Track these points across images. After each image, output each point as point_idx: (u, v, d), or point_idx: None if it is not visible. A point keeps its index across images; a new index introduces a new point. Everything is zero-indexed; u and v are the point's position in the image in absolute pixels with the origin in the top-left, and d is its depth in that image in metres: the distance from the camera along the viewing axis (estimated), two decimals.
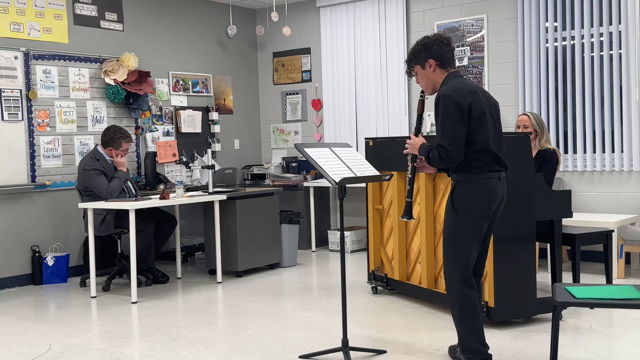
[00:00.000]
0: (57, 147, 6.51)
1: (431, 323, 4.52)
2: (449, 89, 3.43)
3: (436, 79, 3.58)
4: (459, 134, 3.36)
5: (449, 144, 3.37)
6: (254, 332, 4.44)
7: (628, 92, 6.16)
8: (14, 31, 6.21)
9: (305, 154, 3.86)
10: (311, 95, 8.37)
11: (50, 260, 6.27)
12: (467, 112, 3.36)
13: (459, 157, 3.39)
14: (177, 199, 5.75)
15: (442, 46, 3.55)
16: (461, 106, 3.36)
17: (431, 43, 3.56)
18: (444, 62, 3.56)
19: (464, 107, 3.36)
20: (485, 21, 6.96)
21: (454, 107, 3.36)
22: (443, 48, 3.55)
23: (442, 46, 3.55)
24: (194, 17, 7.96)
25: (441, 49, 3.54)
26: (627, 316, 4.53)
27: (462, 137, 3.37)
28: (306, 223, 7.61)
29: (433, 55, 3.55)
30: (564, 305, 3.16)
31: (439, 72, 3.57)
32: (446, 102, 3.39)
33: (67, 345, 4.29)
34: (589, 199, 6.45)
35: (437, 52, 3.54)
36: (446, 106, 3.39)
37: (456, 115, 3.36)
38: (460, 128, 3.36)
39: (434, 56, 3.55)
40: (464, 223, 3.45)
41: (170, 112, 7.67)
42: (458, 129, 3.36)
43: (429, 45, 3.56)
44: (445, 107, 3.39)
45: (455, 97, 3.37)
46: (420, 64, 3.60)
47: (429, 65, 3.57)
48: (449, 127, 3.37)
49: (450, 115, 3.37)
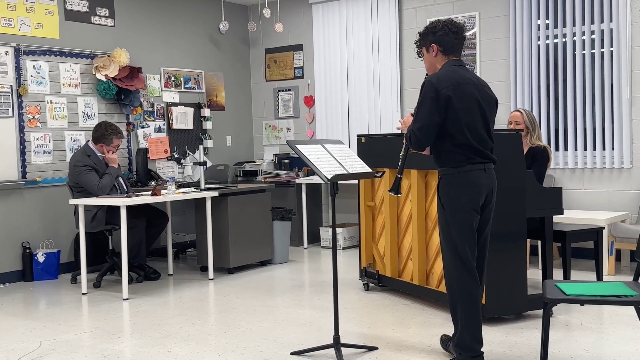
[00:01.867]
0: (47, 143, 6.48)
1: (422, 320, 4.53)
2: (434, 76, 3.45)
3: (436, 64, 3.58)
4: (431, 121, 3.38)
5: (418, 127, 3.41)
6: (246, 329, 4.44)
7: (619, 90, 6.18)
8: (4, 26, 6.18)
9: (298, 150, 3.86)
10: (303, 91, 8.37)
11: (41, 256, 6.24)
12: (445, 103, 3.36)
13: (425, 142, 3.43)
14: (169, 196, 5.73)
15: (449, 33, 3.53)
16: (440, 95, 3.36)
17: (439, 28, 3.55)
18: (447, 49, 3.55)
19: (443, 97, 3.36)
20: (477, 18, 6.97)
21: (432, 94, 3.38)
22: (449, 35, 3.53)
23: (448, 33, 3.52)
24: (186, 13, 7.94)
25: (447, 36, 3.52)
26: (617, 313, 4.55)
27: (433, 124, 3.38)
28: (298, 220, 7.61)
29: (437, 40, 3.54)
30: (554, 302, 3.17)
31: (440, 58, 3.57)
32: (427, 88, 3.41)
33: (58, 342, 4.28)
34: (580, 196, 6.48)
35: (442, 38, 3.53)
36: (425, 92, 3.41)
37: (432, 102, 3.37)
38: (432, 116, 3.37)
39: (437, 41, 3.54)
40: (452, 217, 3.45)
41: (162, 108, 7.65)
42: (430, 116, 3.38)
43: (435, 30, 3.55)
44: (424, 92, 3.42)
45: (436, 85, 3.38)
46: (426, 47, 3.61)
47: (432, 49, 3.57)
48: (422, 112, 3.41)
49: (426, 101, 3.40)
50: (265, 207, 6.62)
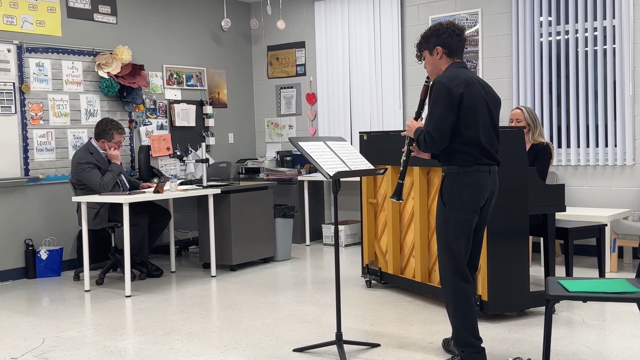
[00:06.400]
0: (50, 140, 6.49)
1: (425, 316, 4.54)
2: (445, 77, 3.45)
3: (441, 66, 3.58)
4: (445, 121, 3.37)
5: (433, 129, 3.40)
6: (248, 326, 4.45)
7: (621, 87, 6.17)
8: (7, 24, 6.18)
9: (300, 147, 3.86)
10: (305, 89, 8.36)
11: (44, 253, 6.25)
12: (457, 101, 3.37)
13: (441, 143, 3.41)
14: (171, 193, 5.74)
15: (453, 35, 3.54)
16: (453, 94, 3.36)
17: (442, 30, 3.55)
18: (452, 51, 3.55)
19: (455, 96, 3.36)
20: (480, 15, 6.96)
21: (445, 94, 3.37)
22: (453, 37, 3.54)
23: (452, 35, 3.54)
24: (188, 10, 7.94)
25: (451, 38, 3.53)
26: (619, 310, 4.55)
27: (447, 125, 3.38)
28: (300, 217, 7.61)
29: (442, 42, 3.54)
30: (556, 299, 3.17)
31: (445, 60, 3.56)
32: (439, 89, 3.40)
33: (61, 339, 4.29)
34: (582, 193, 6.47)
35: (447, 40, 3.53)
36: (438, 93, 3.40)
37: (446, 102, 3.37)
38: (447, 116, 3.37)
39: (442, 44, 3.54)
40: (452, 216, 3.45)
41: (164, 105, 7.65)
42: (445, 116, 3.37)
43: (440, 33, 3.55)
44: (437, 93, 3.41)
45: (448, 85, 3.38)
46: (429, 50, 3.60)
47: (436, 52, 3.57)
48: (437, 114, 3.40)
49: (440, 102, 3.39)
50: (267, 205, 6.62)
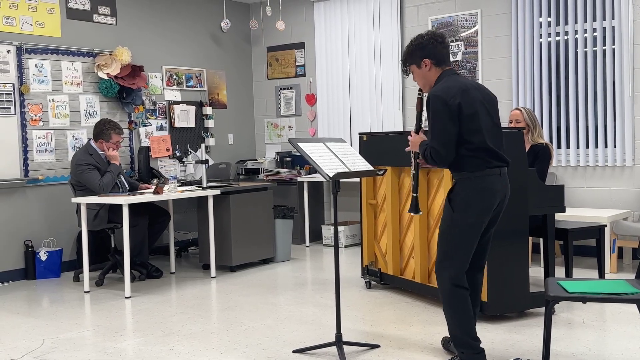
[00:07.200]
0: (50, 141, 6.49)
1: (424, 317, 4.54)
2: (439, 89, 3.43)
3: (432, 77, 3.57)
4: (449, 134, 3.36)
5: (438, 144, 3.38)
6: (248, 327, 4.45)
7: (621, 88, 6.18)
8: (6, 25, 6.18)
9: (300, 148, 3.86)
10: (305, 90, 8.37)
11: (44, 255, 6.25)
12: (456, 112, 3.35)
13: (448, 157, 3.39)
14: (171, 194, 5.74)
15: (437, 44, 3.54)
16: (450, 106, 3.35)
17: (425, 42, 3.54)
18: (439, 61, 3.55)
19: (453, 107, 3.35)
20: (479, 16, 6.96)
21: (442, 107, 3.36)
22: (437, 46, 3.54)
23: (436, 44, 3.53)
24: (188, 11, 7.94)
25: (435, 48, 3.53)
26: (619, 310, 4.55)
27: (451, 137, 3.37)
28: (300, 218, 7.61)
29: (428, 54, 3.53)
30: (556, 300, 3.17)
31: (434, 71, 3.55)
32: (435, 103, 3.39)
33: (61, 340, 4.29)
34: (582, 194, 6.47)
35: (432, 51, 3.53)
36: (435, 106, 3.39)
37: (445, 115, 3.35)
38: (449, 128, 3.36)
39: (429, 55, 3.53)
40: (461, 220, 3.42)
41: (164, 106, 7.65)
42: (447, 129, 3.36)
43: (423, 45, 3.54)
44: (434, 107, 3.39)
45: (443, 97, 3.37)
46: (416, 64, 3.59)
47: (424, 64, 3.55)
48: (438, 128, 3.38)
49: (439, 115, 3.37)
50: (267, 205, 6.62)
